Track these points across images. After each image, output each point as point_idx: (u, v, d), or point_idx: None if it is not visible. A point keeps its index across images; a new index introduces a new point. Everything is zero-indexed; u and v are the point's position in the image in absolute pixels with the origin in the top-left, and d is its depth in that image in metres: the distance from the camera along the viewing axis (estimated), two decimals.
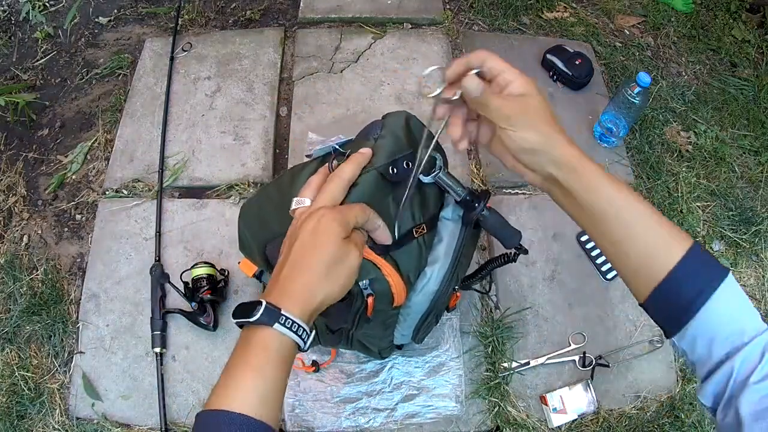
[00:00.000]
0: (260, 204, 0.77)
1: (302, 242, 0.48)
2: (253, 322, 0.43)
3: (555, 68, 1.39)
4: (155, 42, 1.44)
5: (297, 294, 0.46)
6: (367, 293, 0.64)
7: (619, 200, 0.48)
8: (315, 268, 0.46)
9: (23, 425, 0.97)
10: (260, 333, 0.44)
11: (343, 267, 0.48)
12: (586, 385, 1.01)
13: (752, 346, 0.44)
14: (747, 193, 1.31)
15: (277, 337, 0.44)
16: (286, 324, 0.44)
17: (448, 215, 0.71)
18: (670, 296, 0.47)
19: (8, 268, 1.11)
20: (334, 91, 1.35)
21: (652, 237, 0.47)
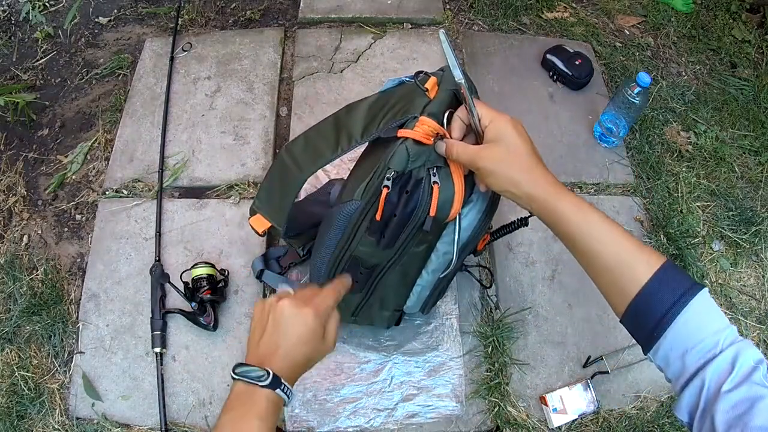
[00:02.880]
0: (308, 138, 0.81)
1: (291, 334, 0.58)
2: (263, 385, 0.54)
3: (555, 68, 1.39)
4: (155, 42, 1.44)
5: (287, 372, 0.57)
6: (434, 181, 0.65)
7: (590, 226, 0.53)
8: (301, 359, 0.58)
9: (23, 425, 0.97)
10: (264, 392, 0.54)
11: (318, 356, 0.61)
12: (586, 385, 1.01)
13: (723, 356, 0.44)
14: (747, 193, 1.31)
15: (276, 397, 0.55)
16: (284, 389, 0.55)
17: None
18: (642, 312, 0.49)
19: (8, 268, 1.11)
20: (334, 91, 1.35)
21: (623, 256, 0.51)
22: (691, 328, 0.46)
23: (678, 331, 0.46)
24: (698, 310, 0.47)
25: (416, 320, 1.04)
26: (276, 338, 0.58)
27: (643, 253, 0.50)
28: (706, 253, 1.20)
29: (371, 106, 0.77)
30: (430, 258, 0.79)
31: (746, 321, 1.14)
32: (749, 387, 0.42)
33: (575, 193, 0.55)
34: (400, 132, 0.66)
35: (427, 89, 0.70)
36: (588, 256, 0.53)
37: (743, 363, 0.44)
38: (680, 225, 1.21)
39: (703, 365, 0.45)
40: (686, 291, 0.47)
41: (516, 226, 0.86)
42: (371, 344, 1.02)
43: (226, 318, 1.04)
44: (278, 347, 0.58)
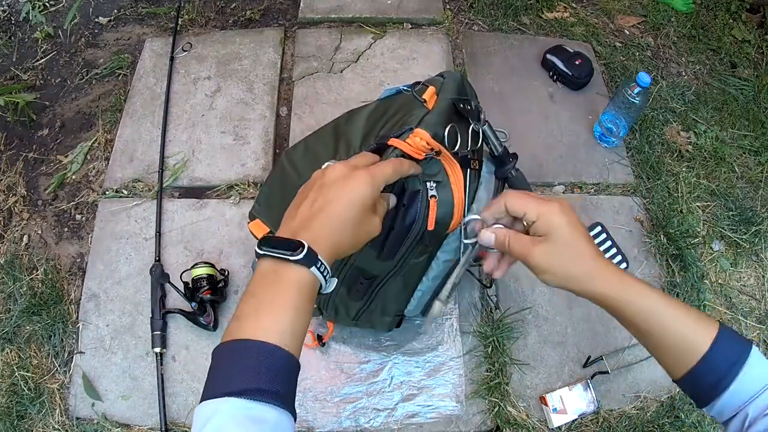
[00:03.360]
0: (308, 144, 0.80)
1: (339, 198, 0.49)
2: (294, 260, 0.45)
3: (555, 68, 1.39)
4: (155, 42, 1.44)
5: (326, 244, 0.48)
6: (431, 194, 0.64)
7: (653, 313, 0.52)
8: (346, 228, 0.49)
9: (23, 425, 0.97)
10: (296, 272, 0.45)
11: (364, 231, 0.52)
12: (586, 385, 1.01)
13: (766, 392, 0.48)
14: (747, 193, 1.31)
15: (311, 278, 0.46)
16: (320, 268, 0.46)
17: (484, 169, 0.78)
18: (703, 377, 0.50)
19: (8, 268, 1.11)
20: (334, 91, 1.35)
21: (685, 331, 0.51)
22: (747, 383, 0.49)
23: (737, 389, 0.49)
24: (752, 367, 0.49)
25: (416, 320, 1.04)
26: (320, 203, 0.49)
27: (701, 323, 0.51)
28: (706, 253, 1.20)
29: (371, 114, 0.77)
30: (431, 266, 0.79)
31: (746, 321, 1.14)
32: None
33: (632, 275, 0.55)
34: (391, 140, 0.64)
35: (425, 100, 0.70)
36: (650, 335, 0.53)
37: None
38: (680, 225, 1.21)
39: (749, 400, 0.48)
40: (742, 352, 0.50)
41: None
42: (371, 344, 1.02)
43: (226, 318, 1.04)
44: (320, 212, 0.49)
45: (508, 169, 0.78)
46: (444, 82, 0.74)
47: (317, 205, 0.49)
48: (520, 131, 1.31)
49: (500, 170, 0.79)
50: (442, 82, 0.74)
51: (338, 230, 0.49)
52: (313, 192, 0.51)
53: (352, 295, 0.81)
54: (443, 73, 0.77)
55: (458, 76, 0.76)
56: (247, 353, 0.42)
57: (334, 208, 0.49)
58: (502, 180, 0.80)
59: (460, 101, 0.72)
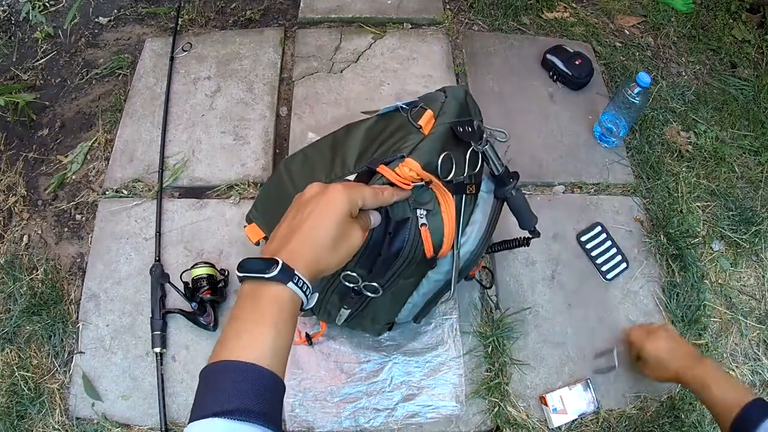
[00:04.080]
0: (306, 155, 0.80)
1: (316, 213, 0.50)
2: (268, 278, 0.45)
3: (555, 68, 1.39)
4: (155, 42, 1.44)
5: (307, 259, 0.48)
6: (422, 222, 0.64)
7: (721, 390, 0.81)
8: (325, 241, 0.50)
9: (23, 425, 0.97)
10: (272, 289, 0.46)
11: (346, 244, 0.52)
12: (586, 385, 1.01)
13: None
14: (747, 193, 1.31)
15: (290, 294, 0.46)
16: (298, 283, 0.46)
17: (484, 188, 0.77)
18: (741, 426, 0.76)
19: (8, 268, 1.11)
20: (334, 91, 1.35)
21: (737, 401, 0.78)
22: None
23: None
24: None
25: None
26: (297, 220, 0.50)
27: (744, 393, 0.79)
28: (706, 253, 1.20)
29: (368, 130, 0.76)
30: (422, 283, 0.78)
31: (746, 321, 1.14)
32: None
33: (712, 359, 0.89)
34: (380, 168, 0.63)
35: (420, 126, 0.68)
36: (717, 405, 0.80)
37: None
38: (680, 225, 1.21)
39: None
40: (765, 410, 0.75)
41: (516, 244, 0.85)
42: (371, 344, 1.02)
43: (226, 318, 1.04)
44: (297, 229, 0.49)
45: (508, 190, 0.76)
46: (444, 102, 0.71)
47: (295, 222, 0.51)
48: (520, 131, 1.31)
49: (500, 190, 0.77)
50: (443, 103, 0.71)
51: (316, 244, 0.50)
52: (292, 211, 0.53)
53: (344, 303, 0.82)
54: (445, 89, 0.75)
55: (461, 94, 0.74)
56: (231, 374, 0.43)
57: (310, 223, 0.50)
58: (501, 200, 0.78)
59: (460, 124, 0.69)
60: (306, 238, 0.49)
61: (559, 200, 1.23)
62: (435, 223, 0.66)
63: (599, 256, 1.15)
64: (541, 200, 1.22)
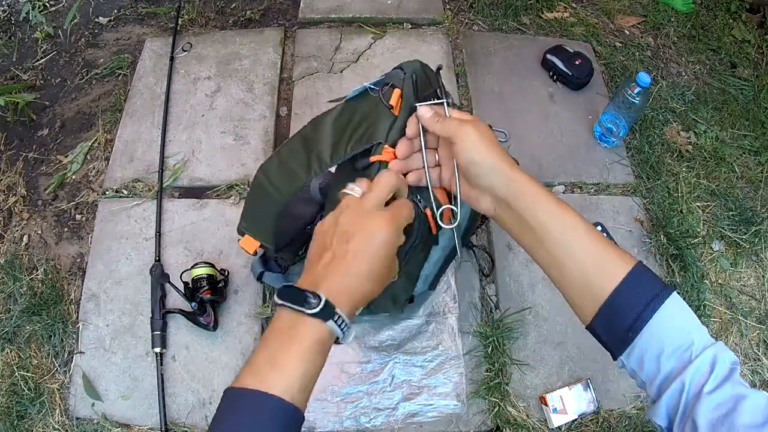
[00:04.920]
0: (281, 159, 0.79)
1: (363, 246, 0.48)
2: (310, 314, 0.44)
3: (555, 68, 1.39)
4: (155, 42, 1.44)
5: (350, 294, 0.47)
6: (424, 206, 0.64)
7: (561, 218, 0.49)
8: (371, 274, 0.48)
9: (23, 425, 0.97)
10: (312, 324, 0.45)
11: (389, 274, 0.51)
12: (586, 385, 1.01)
13: (702, 358, 0.44)
14: (747, 193, 1.31)
15: (327, 332, 0.45)
16: (338, 321, 0.45)
17: None
18: (615, 314, 0.47)
19: (8, 268, 1.11)
20: (334, 91, 1.34)
21: (595, 256, 0.48)
22: (666, 328, 0.46)
23: (653, 332, 0.46)
24: (672, 311, 0.46)
25: (416, 320, 1.04)
26: (341, 252, 0.47)
27: (616, 253, 0.48)
28: (706, 253, 1.20)
29: (336, 120, 0.76)
30: (430, 254, 0.79)
31: (746, 321, 1.14)
32: (732, 386, 0.42)
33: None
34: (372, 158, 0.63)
35: (392, 106, 0.68)
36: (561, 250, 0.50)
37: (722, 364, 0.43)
38: (680, 225, 1.21)
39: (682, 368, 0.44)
40: (659, 292, 0.46)
41: None
42: (372, 344, 1.02)
43: (226, 318, 1.04)
44: (341, 262, 0.47)
45: None
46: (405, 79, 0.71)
47: (338, 252, 0.48)
48: (520, 131, 1.31)
49: None
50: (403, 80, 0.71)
51: (361, 281, 0.48)
52: (335, 238, 0.49)
53: None
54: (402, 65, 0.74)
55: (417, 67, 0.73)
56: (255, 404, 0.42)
57: (356, 258, 0.47)
58: None
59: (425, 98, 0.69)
60: (349, 273, 0.47)
61: None
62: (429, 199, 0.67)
63: None
64: None
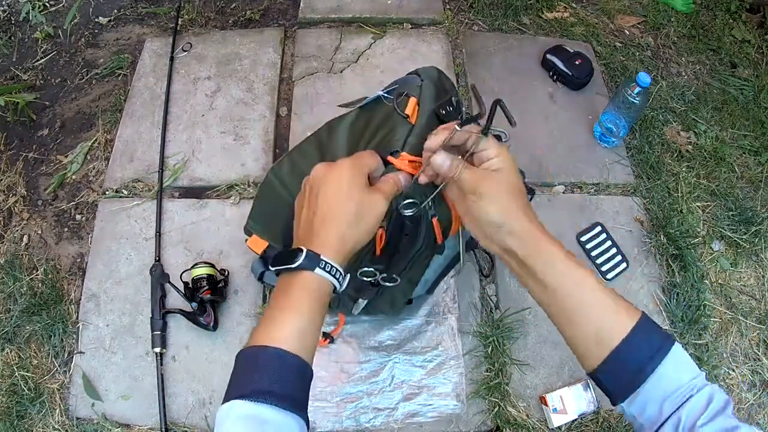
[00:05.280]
0: (294, 161, 0.80)
1: (328, 193, 0.50)
2: (295, 267, 0.46)
3: (555, 68, 1.39)
4: (155, 42, 1.44)
5: (332, 241, 0.48)
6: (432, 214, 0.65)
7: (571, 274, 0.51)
8: (345, 217, 0.49)
9: (23, 425, 0.97)
10: (300, 277, 0.47)
11: (370, 214, 0.51)
12: (586, 385, 1.01)
13: (698, 396, 0.46)
14: (747, 193, 1.31)
15: (317, 280, 0.47)
16: (326, 268, 0.47)
17: None
18: (621, 364, 0.49)
19: (8, 268, 1.11)
20: (334, 91, 1.35)
21: (604, 309, 0.50)
22: (670, 377, 0.47)
23: (658, 381, 0.47)
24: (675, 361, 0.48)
25: (416, 320, 1.04)
26: (313, 206, 0.50)
27: (622, 305, 0.50)
28: (706, 253, 1.20)
29: (352, 125, 0.75)
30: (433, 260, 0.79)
31: (746, 321, 1.14)
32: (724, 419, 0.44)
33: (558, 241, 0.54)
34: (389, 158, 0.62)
35: (407, 115, 0.68)
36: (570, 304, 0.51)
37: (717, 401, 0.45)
38: (680, 225, 1.21)
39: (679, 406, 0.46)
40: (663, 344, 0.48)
41: None
42: (372, 344, 1.02)
43: (226, 318, 1.04)
44: (315, 214, 0.49)
45: None
46: (422, 86, 0.71)
47: (311, 209, 0.50)
48: (519, 131, 1.29)
49: None
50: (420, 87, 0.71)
51: (337, 224, 0.49)
52: (305, 199, 0.52)
53: (360, 295, 0.83)
54: (419, 71, 0.74)
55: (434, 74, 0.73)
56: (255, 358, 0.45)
57: (326, 204, 0.49)
58: None
59: (441, 106, 0.69)
60: (325, 220, 0.49)
61: (559, 200, 1.23)
62: (442, 211, 0.68)
63: (599, 256, 1.15)
64: (541, 200, 1.21)
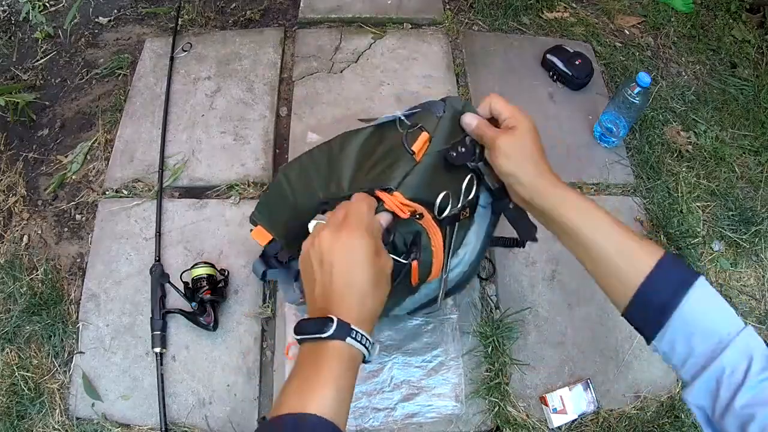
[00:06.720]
0: (303, 166, 0.79)
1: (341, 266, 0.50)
2: (326, 337, 0.46)
3: (555, 68, 1.39)
4: (155, 42, 1.44)
5: (356, 311, 0.49)
6: (413, 257, 0.63)
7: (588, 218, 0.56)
8: (364, 287, 0.50)
9: (23, 425, 0.97)
10: (332, 346, 0.46)
11: (384, 276, 0.52)
12: (586, 385, 1.01)
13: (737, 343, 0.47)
14: (747, 193, 1.31)
15: (349, 349, 0.47)
16: (356, 337, 0.47)
17: (481, 202, 0.74)
18: (647, 301, 0.51)
19: (8, 268, 1.11)
20: (334, 91, 1.35)
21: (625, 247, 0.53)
22: (695, 312, 0.48)
23: (682, 316, 0.48)
24: (700, 295, 0.49)
25: (416, 320, 1.04)
26: (329, 279, 0.49)
27: (644, 245, 0.53)
28: (706, 253, 1.20)
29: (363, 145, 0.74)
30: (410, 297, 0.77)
31: (746, 321, 1.14)
32: None
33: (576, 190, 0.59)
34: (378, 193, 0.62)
35: (413, 151, 0.66)
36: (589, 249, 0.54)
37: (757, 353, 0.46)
38: (680, 225, 1.21)
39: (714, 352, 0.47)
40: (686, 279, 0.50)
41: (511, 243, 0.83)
42: None
43: (226, 318, 1.04)
44: (335, 286, 0.49)
45: (504, 205, 0.70)
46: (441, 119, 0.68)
47: (327, 282, 0.50)
48: None
49: (497, 204, 0.73)
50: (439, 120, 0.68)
51: (361, 294, 0.49)
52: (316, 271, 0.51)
53: None
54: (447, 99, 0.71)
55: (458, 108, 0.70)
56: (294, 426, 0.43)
57: (345, 280, 0.49)
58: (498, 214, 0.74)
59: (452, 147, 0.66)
60: (345, 293, 0.49)
61: None
62: (425, 256, 0.66)
63: None
64: None
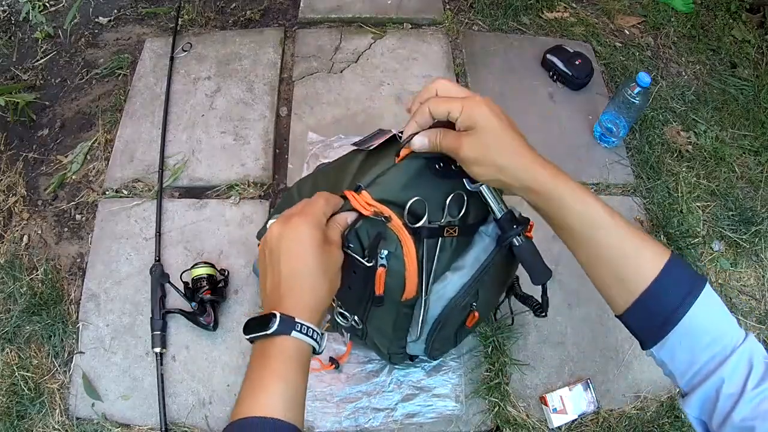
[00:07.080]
0: (316, 181, 0.79)
1: (288, 254, 0.49)
2: (270, 333, 0.45)
3: (555, 68, 1.39)
4: (155, 42, 1.44)
5: (303, 302, 0.48)
6: (381, 263, 0.61)
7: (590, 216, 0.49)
8: (310, 276, 0.49)
9: (23, 425, 0.97)
10: (278, 342, 0.46)
11: (331, 266, 0.51)
12: (586, 385, 1.01)
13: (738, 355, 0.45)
14: (747, 193, 1.31)
15: (295, 344, 0.46)
16: (302, 330, 0.46)
17: (488, 231, 0.69)
18: (651, 307, 0.47)
19: (8, 268, 1.11)
20: (334, 91, 1.35)
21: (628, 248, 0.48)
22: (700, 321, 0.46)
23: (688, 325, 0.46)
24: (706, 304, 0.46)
25: None
26: (278, 269, 0.48)
27: (648, 246, 0.48)
28: (706, 253, 1.20)
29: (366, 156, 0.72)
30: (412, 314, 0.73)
31: (746, 321, 1.14)
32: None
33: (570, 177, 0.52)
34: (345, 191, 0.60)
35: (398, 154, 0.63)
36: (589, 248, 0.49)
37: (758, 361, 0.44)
38: (680, 225, 1.21)
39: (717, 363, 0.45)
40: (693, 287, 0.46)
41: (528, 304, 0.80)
42: None
43: (226, 318, 1.04)
44: (281, 279, 0.48)
45: (509, 237, 0.64)
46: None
47: (275, 273, 0.49)
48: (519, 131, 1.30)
49: (502, 235, 0.66)
50: None
51: (307, 284, 0.48)
52: (267, 264, 0.50)
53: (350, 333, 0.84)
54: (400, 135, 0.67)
55: None
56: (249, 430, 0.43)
57: (287, 266, 0.48)
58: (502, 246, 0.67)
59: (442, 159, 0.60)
60: (291, 282, 0.48)
61: None
62: (396, 265, 0.63)
63: None
64: None
